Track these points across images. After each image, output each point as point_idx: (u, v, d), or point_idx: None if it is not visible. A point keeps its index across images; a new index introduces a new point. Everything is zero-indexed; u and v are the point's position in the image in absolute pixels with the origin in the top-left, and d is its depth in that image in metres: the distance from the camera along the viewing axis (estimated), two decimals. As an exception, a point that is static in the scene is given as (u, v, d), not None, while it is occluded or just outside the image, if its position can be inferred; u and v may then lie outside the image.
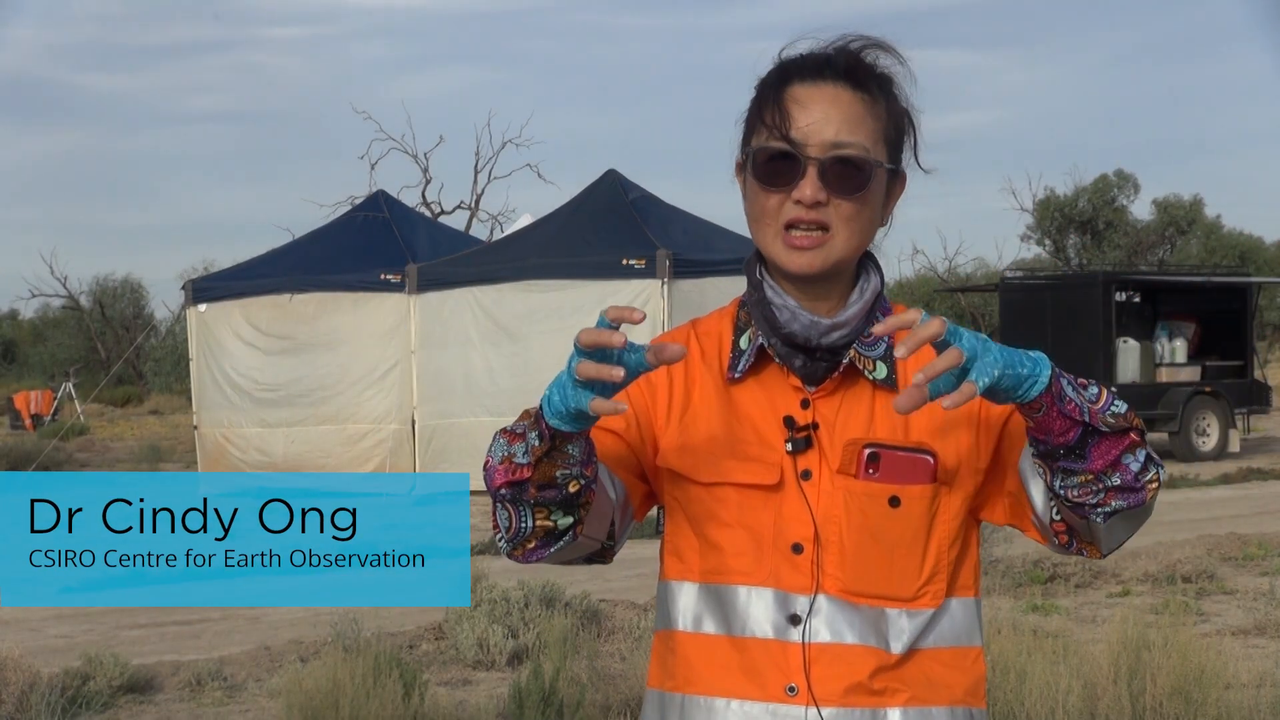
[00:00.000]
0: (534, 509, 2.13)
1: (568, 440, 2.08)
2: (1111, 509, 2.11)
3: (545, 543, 2.17)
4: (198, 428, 20.63)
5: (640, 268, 18.19)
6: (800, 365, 2.25)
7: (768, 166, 2.22)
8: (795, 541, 2.21)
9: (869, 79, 2.24)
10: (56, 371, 47.19)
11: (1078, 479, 2.09)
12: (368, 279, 19.55)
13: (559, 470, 2.10)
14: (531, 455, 2.09)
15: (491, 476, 2.13)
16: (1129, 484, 2.09)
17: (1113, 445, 2.07)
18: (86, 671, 7.98)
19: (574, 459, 2.10)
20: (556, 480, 2.10)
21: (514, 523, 2.15)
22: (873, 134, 2.23)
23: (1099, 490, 2.09)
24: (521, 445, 2.11)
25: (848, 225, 2.22)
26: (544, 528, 2.15)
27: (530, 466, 2.09)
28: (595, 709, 6.96)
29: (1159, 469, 2.13)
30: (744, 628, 2.21)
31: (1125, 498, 2.10)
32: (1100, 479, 2.08)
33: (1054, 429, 2.05)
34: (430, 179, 43.67)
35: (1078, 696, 6.25)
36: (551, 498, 2.12)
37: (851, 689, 2.19)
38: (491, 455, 2.14)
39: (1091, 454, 2.07)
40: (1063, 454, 2.07)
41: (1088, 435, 2.06)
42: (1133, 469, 2.09)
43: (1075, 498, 2.10)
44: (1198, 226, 49.43)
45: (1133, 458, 2.09)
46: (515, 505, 2.14)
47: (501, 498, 2.14)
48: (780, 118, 2.21)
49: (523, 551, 2.19)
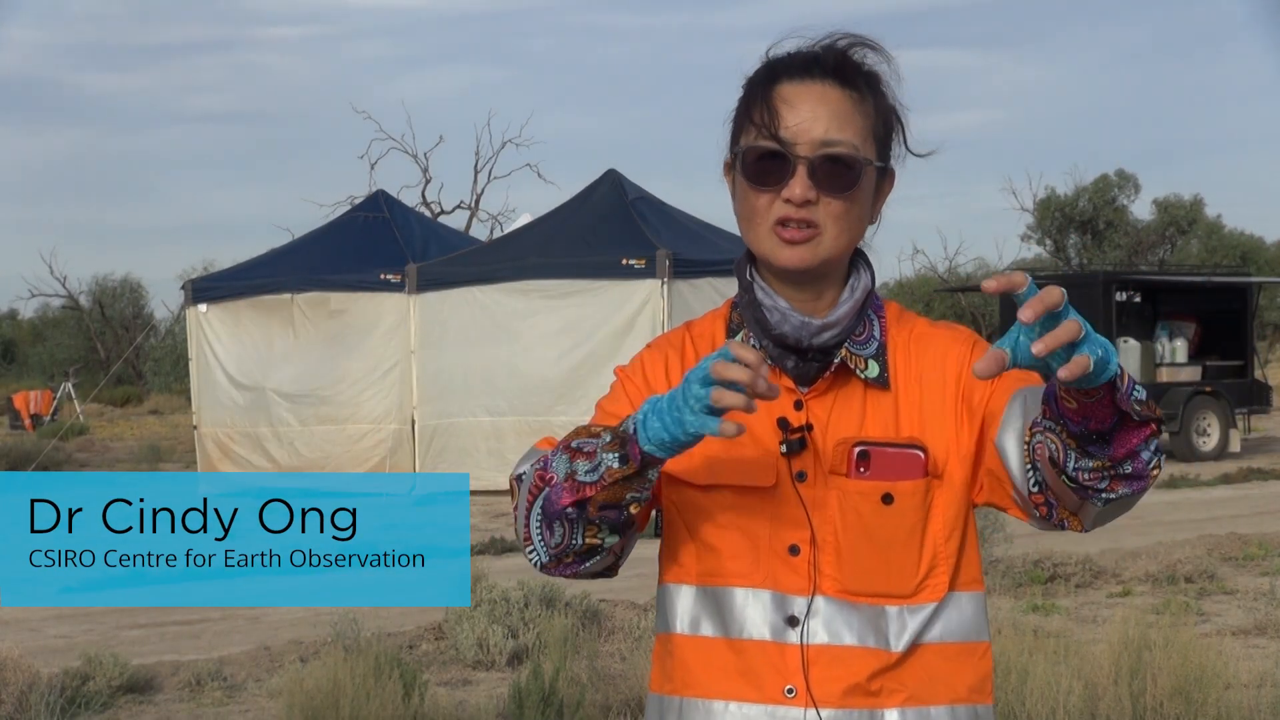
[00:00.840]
0: (588, 526, 2.13)
1: (654, 465, 2.08)
2: (1116, 495, 2.09)
3: (582, 559, 2.17)
4: (197, 428, 20.62)
5: (640, 268, 18.18)
6: (792, 366, 2.25)
7: (757, 166, 2.21)
8: (792, 543, 2.21)
9: (856, 76, 2.24)
10: (56, 371, 47.17)
11: (1093, 463, 2.05)
12: (368, 279, 19.55)
13: (630, 493, 2.09)
14: (605, 476, 2.08)
15: (557, 495, 2.11)
16: (1138, 472, 2.07)
17: (1135, 435, 2.03)
18: (86, 671, 7.98)
19: (649, 482, 2.10)
20: (624, 502, 2.10)
21: (565, 539, 2.14)
22: (861, 131, 2.22)
23: (1109, 476, 2.06)
24: (586, 463, 2.09)
25: (837, 223, 2.21)
26: (590, 545, 2.15)
27: (597, 486, 2.08)
28: (595, 709, 6.96)
29: (1160, 456, 2.10)
30: (741, 630, 2.21)
31: (1130, 484, 2.08)
32: (1115, 466, 2.06)
33: (1097, 414, 2.00)
34: (430, 179, 43.69)
35: (1078, 696, 6.25)
36: (612, 518, 2.11)
37: (850, 690, 2.19)
38: (553, 471, 2.12)
39: (1115, 441, 2.03)
40: (1094, 439, 2.03)
41: (1118, 425, 2.03)
42: (1144, 458, 2.06)
43: (1086, 480, 2.07)
44: (1198, 226, 49.43)
45: (1146, 448, 2.06)
46: (573, 523, 2.12)
47: (565, 516, 2.12)
48: (769, 116, 2.20)
49: (557, 565, 2.18)
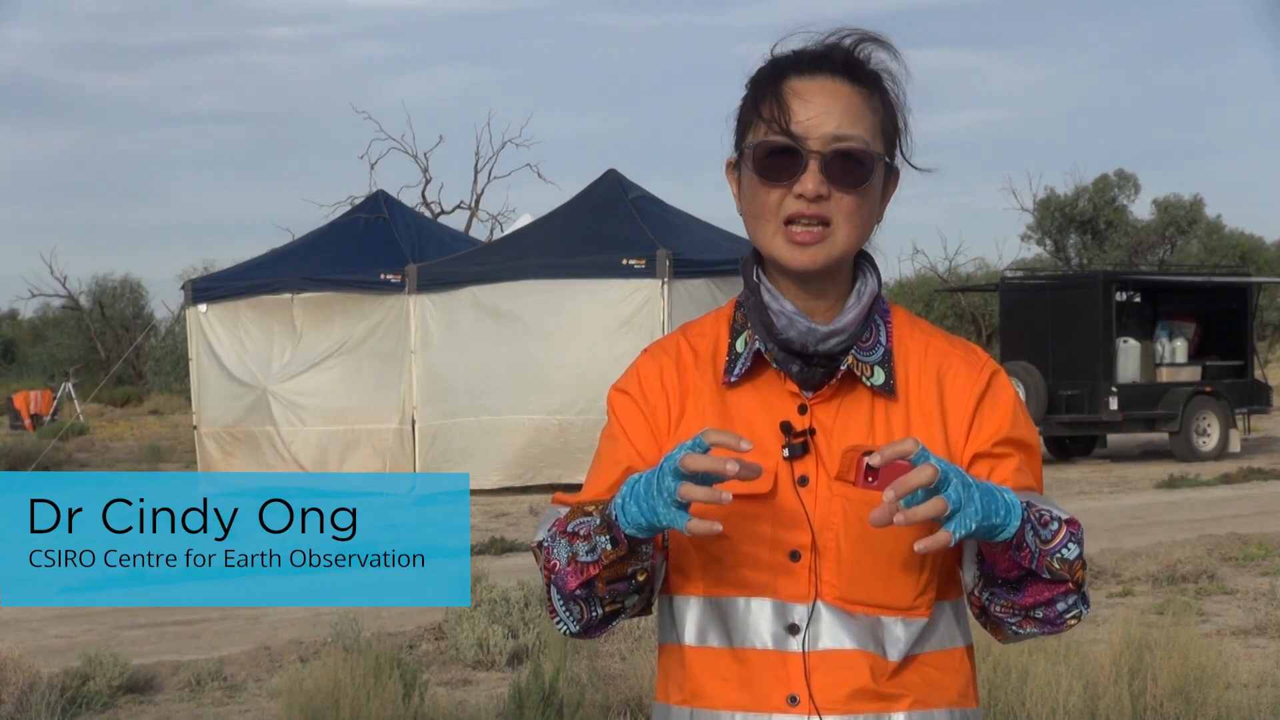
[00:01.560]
0: (603, 601, 2.17)
1: (643, 542, 2.11)
2: (1026, 633, 2.20)
3: (609, 619, 2.21)
4: (197, 428, 20.62)
5: (640, 268, 18.18)
6: (797, 371, 2.23)
7: (768, 161, 2.19)
8: (793, 549, 2.20)
9: (865, 73, 2.23)
10: (56, 371, 47.15)
11: (1003, 602, 2.16)
12: (368, 279, 19.55)
13: (631, 567, 2.13)
14: (603, 557, 2.12)
15: (564, 580, 2.15)
16: (1050, 619, 2.17)
17: (1048, 589, 2.14)
18: (86, 671, 7.98)
19: (646, 554, 2.13)
20: (627, 575, 2.14)
21: (585, 614, 2.19)
22: (871, 127, 2.21)
23: (1020, 615, 2.17)
24: (585, 545, 2.13)
25: (849, 220, 2.20)
26: (610, 611, 2.20)
27: (598, 565, 2.12)
28: (595, 709, 6.96)
29: (1083, 609, 2.17)
30: (744, 639, 2.20)
31: (1042, 628, 2.19)
32: (1026, 611, 2.16)
33: (1000, 564, 2.12)
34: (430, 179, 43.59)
35: (1079, 696, 6.25)
36: (622, 590, 2.16)
37: (853, 695, 2.18)
38: (556, 559, 2.16)
39: (1026, 590, 2.14)
40: (1000, 583, 2.14)
41: (1028, 576, 2.12)
42: (1058, 608, 2.16)
43: (996, 614, 2.19)
44: (1198, 226, 49.40)
45: (1063, 601, 2.15)
46: (587, 602, 2.17)
47: (576, 598, 2.17)
48: (780, 111, 2.19)
49: (586, 634, 2.23)
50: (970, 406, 2.24)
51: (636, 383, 2.30)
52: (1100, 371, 21.82)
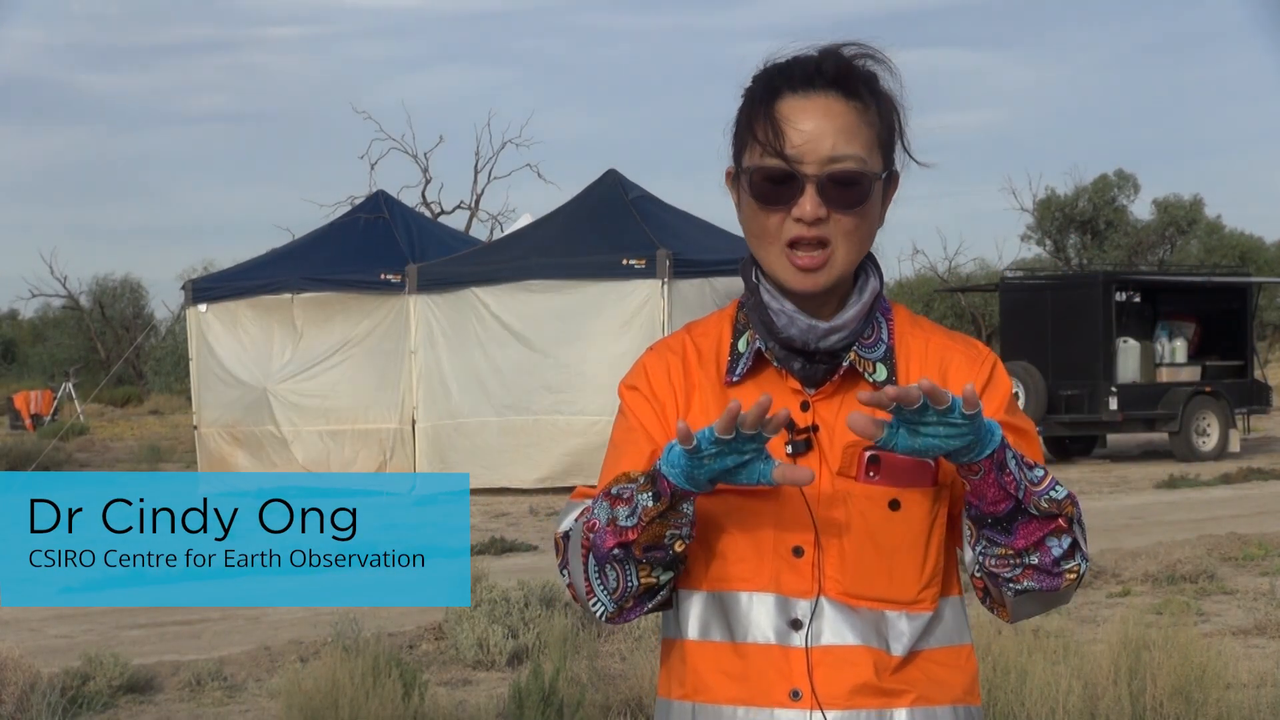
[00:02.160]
0: (640, 566, 2.16)
1: (685, 499, 2.10)
2: (1024, 587, 2.17)
3: (642, 600, 2.20)
4: (197, 428, 20.63)
5: (640, 268, 18.18)
6: (799, 368, 2.24)
7: (765, 186, 2.20)
8: (796, 544, 2.20)
9: (859, 85, 2.22)
10: (56, 371, 47.16)
11: (998, 550, 2.14)
12: (368, 279, 19.55)
13: (669, 530, 2.12)
14: (642, 517, 2.11)
15: (602, 539, 2.14)
16: (1046, 566, 2.14)
17: (1039, 527, 2.12)
18: (86, 671, 7.98)
19: (686, 518, 2.12)
20: (665, 540, 2.13)
21: (621, 582, 2.17)
22: (867, 143, 2.21)
23: (1016, 565, 2.15)
24: (626, 508, 2.12)
25: (848, 239, 2.21)
26: (647, 585, 2.18)
27: (638, 529, 2.12)
28: (595, 709, 6.96)
29: (1083, 561, 2.16)
30: (746, 634, 2.21)
31: (1039, 579, 2.15)
32: (1020, 555, 2.14)
33: (987, 496, 2.10)
34: (430, 179, 43.62)
35: (1078, 696, 6.25)
36: (658, 558, 2.15)
37: (856, 690, 2.19)
38: (596, 517, 2.16)
39: (1017, 531, 2.12)
40: (990, 523, 2.12)
41: (1017, 512, 2.10)
42: (1054, 553, 2.13)
43: (992, 567, 2.16)
44: (1198, 226, 49.42)
45: (1056, 542, 2.13)
46: (623, 564, 2.16)
47: (613, 558, 2.15)
48: (774, 134, 2.18)
49: (620, 613, 2.21)
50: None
51: (645, 379, 2.31)
52: (1100, 371, 21.82)
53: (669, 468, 2.07)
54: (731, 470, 2.06)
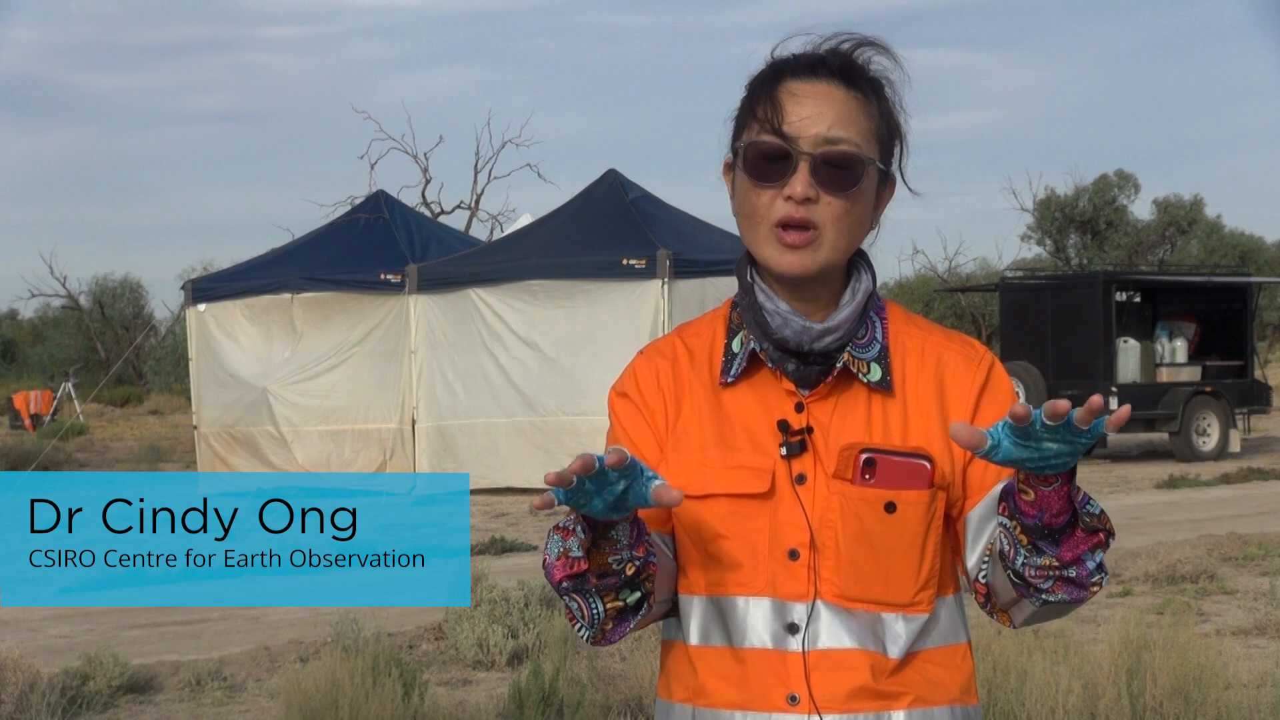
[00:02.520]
0: (600, 595, 2.15)
1: (609, 527, 2.09)
2: (1055, 599, 2.14)
3: (621, 620, 2.18)
4: (198, 428, 20.63)
5: (640, 268, 18.17)
6: (793, 370, 2.24)
7: (759, 161, 2.20)
8: (791, 547, 2.20)
9: (862, 78, 2.22)
10: (56, 371, 47.15)
11: (1042, 560, 2.10)
12: (368, 279, 19.55)
13: (610, 557, 2.10)
14: (582, 548, 2.10)
15: (551, 573, 2.14)
16: (1080, 580, 2.12)
17: (1083, 541, 2.09)
18: (86, 671, 7.98)
19: (620, 543, 2.10)
20: (612, 567, 2.11)
21: (586, 611, 2.16)
22: (865, 132, 2.21)
23: (1053, 577, 2.12)
24: (574, 540, 2.11)
25: (837, 224, 2.20)
26: (615, 608, 2.16)
27: (584, 559, 2.11)
28: (595, 709, 6.96)
29: (1105, 575, 2.15)
30: (743, 638, 2.20)
31: (1070, 592, 2.13)
32: (1061, 568, 2.11)
33: (1052, 507, 2.05)
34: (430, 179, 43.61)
35: (1078, 696, 6.25)
36: (612, 584, 2.13)
37: (854, 694, 2.18)
38: (548, 553, 2.15)
39: (1064, 543, 2.09)
40: (1045, 534, 2.08)
41: (1070, 525, 2.08)
42: (1089, 567, 2.11)
43: (1031, 577, 2.12)
44: (1198, 226, 49.42)
45: (1092, 557, 2.11)
46: (583, 595, 2.15)
47: (565, 590, 2.15)
48: (773, 111, 2.19)
49: (602, 635, 2.19)
50: (972, 399, 2.25)
51: (634, 384, 2.30)
52: (1100, 371, 21.81)
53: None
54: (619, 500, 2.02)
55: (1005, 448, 1.95)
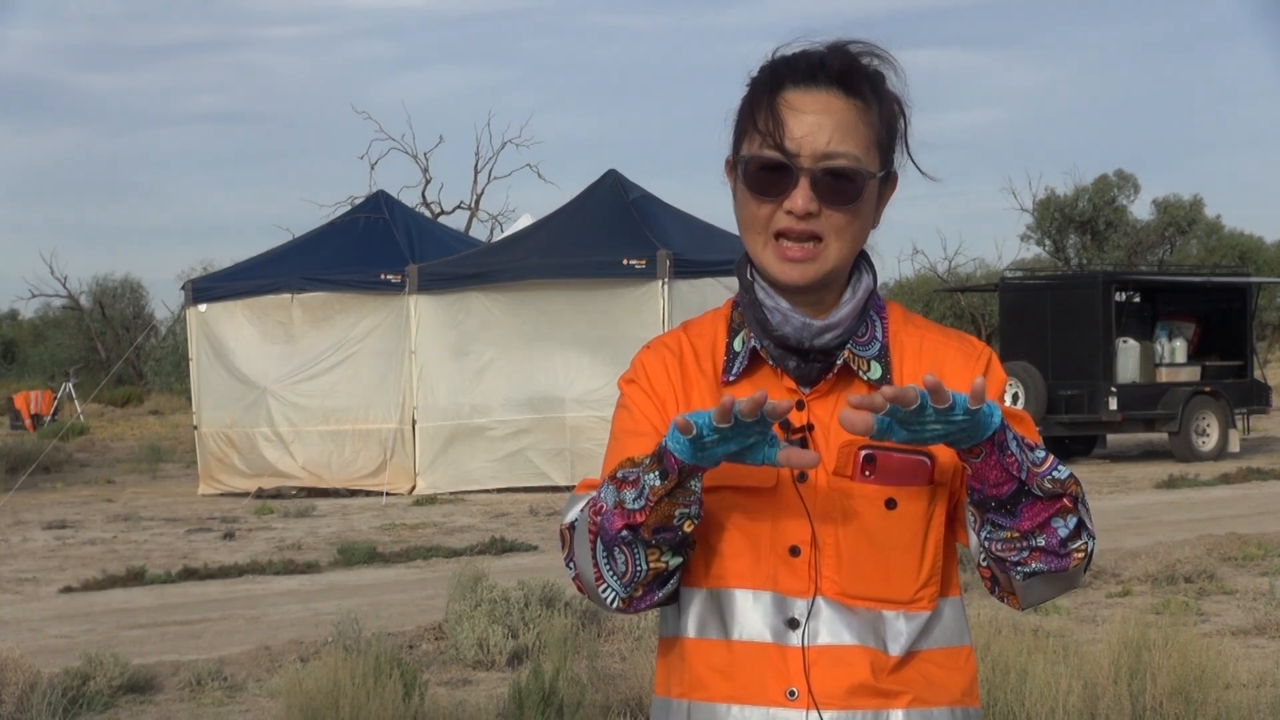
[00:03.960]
0: (648, 549, 2.14)
1: (692, 475, 2.09)
2: (1032, 570, 2.15)
3: (652, 587, 2.18)
4: (198, 428, 20.62)
5: (640, 268, 18.17)
6: (794, 367, 2.24)
7: (759, 176, 2.21)
8: (792, 544, 2.21)
9: (861, 83, 2.23)
10: (56, 371, 47.15)
11: (1004, 534, 2.12)
12: (368, 279, 19.54)
13: (678, 509, 2.11)
14: (650, 497, 2.09)
15: (609, 520, 2.13)
16: (1053, 548, 2.12)
17: (1044, 508, 2.10)
18: (86, 671, 7.98)
19: (694, 495, 2.11)
20: (674, 521, 2.11)
21: (630, 566, 2.15)
22: (865, 141, 2.21)
23: (1023, 549, 2.13)
24: (633, 491, 2.11)
25: (839, 236, 2.21)
26: (656, 569, 2.16)
27: (646, 510, 2.10)
28: (595, 709, 6.96)
29: (1090, 539, 2.15)
30: (742, 632, 2.21)
31: (1048, 560, 2.14)
32: (1026, 538, 2.12)
33: (989, 478, 2.08)
34: (430, 179, 43.70)
35: (1078, 696, 6.25)
36: (667, 539, 2.13)
37: (853, 690, 2.19)
38: (603, 501, 2.15)
39: (1022, 513, 2.10)
40: (994, 506, 2.10)
41: (1021, 494, 2.09)
42: (1060, 534, 2.12)
43: (999, 552, 2.14)
44: (1198, 226, 49.44)
45: (1062, 523, 2.12)
46: (631, 547, 2.14)
47: (622, 540, 2.14)
48: (773, 125, 2.19)
49: (630, 601, 2.19)
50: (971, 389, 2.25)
51: (644, 374, 2.32)
52: (1100, 371, 21.81)
53: (675, 444, 2.06)
54: (737, 453, 2.05)
55: (895, 431, 2.00)
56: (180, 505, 18.89)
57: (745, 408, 1.98)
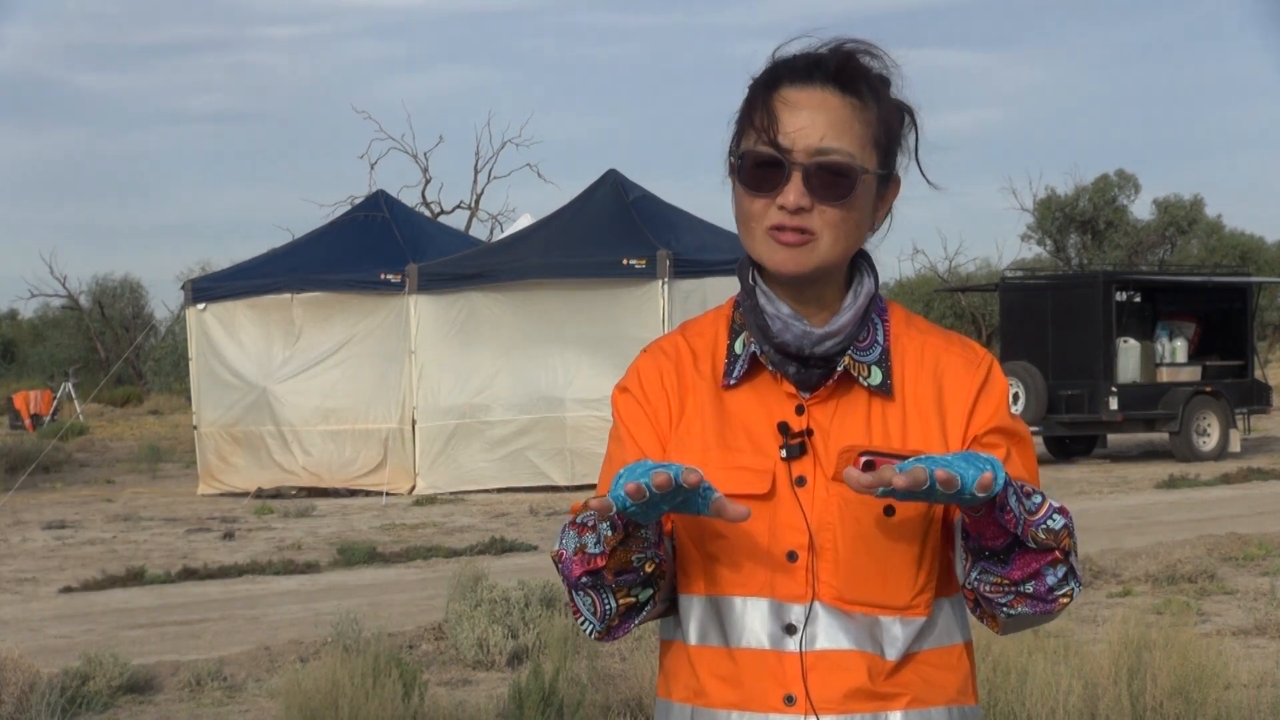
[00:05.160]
0: (616, 590, 2.17)
1: (641, 526, 2.12)
2: (1017, 612, 2.18)
3: (628, 616, 2.21)
4: (197, 428, 20.62)
5: (640, 268, 18.17)
6: (794, 373, 2.24)
7: (754, 171, 2.21)
8: (790, 549, 2.20)
9: (859, 82, 2.23)
10: (56, 371, 47.15)
11: (993, 579, 2.15)
12: (368, 279, 19.54)
13: (634, 555, 2.14)
14: (605, 545, 2.13)
15: (569, 568, 2.17)
16: (1040, 594, 2.15)
17: (1035, 559, 2.12)
18: (86, 671, 7.98)
19: (649, 542, 2.14)
20: (632, 564, 2.15)
21: (599, 607, 2.19)
22: (860, 139, 2.21)
23: (1010, 593, 2.15)
24: (592, 536, 2.14)
25: (833, 231, 2.21)
26: (627, 604, 2.19)
27: (604, 556, 2.13)
28: (595, 709, 6.96)
29: (1075, 585, 2.16)
30: (740, 639, 2.21)
31: (1033, 606, 2.16)
32: (1016, 585, 2.14)
33: (985, 533, 2.10)
34: (430, 179, 43.72)
35: (1078, 696, 6.25)
36: (629, 580, 2.16)
37: (850, 695, 2.18)
38: (564, 548, 2.18)
39: (1014, 562, 2.12)
40: (987, 555, 2.12)
41: (1015, 545, 2.11)
42: (1048, 582, 2.14)
43: (986, 593, 2.17)
44: (1198, 226, 49.45)
45: (1052, 572, 2.14)
46: (597, 591, 2.18)
47: (582, 586, 2.17)
48: (768, 121, 2.20)
49: (608, 633, 2.23)
50: (970, 400, 2.25)
51: (638, 382, 2.31)
52: (1100, 371, 21.81)
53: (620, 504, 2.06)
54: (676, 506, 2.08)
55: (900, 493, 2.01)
56: (180, 505, 18.89)
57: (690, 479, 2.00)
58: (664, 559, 2.17)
